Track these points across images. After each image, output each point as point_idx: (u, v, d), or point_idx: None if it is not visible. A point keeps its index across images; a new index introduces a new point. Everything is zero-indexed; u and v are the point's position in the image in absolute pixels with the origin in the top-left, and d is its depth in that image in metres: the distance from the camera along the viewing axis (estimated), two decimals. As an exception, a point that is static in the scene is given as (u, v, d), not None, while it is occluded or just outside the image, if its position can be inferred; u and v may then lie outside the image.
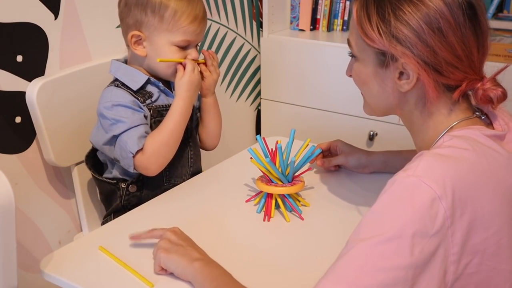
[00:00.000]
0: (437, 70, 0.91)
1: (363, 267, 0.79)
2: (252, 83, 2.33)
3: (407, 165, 0.87)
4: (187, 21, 1.28)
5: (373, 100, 1.03)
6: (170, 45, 1.29)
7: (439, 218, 0.80)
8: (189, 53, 1.32)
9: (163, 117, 1.31)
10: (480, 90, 0.92)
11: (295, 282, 1.01)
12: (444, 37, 0.90)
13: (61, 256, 1.09)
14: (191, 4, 1.30)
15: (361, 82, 1.03)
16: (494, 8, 2.05)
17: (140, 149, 1.25)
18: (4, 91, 1.37)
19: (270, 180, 1.23)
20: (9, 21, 1.35)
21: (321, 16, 2.22)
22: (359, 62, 1.01)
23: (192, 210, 1.25)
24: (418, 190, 0.81)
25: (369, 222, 0.84)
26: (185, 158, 1.40)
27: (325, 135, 1.70)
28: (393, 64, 0.94)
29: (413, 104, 0.97)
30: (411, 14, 0.90)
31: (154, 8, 1.27)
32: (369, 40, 0.95)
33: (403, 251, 0.78)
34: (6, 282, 0.99)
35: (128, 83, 1.31)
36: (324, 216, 1.22)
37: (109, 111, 1.27)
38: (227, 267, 1.02)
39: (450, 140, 0.91)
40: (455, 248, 0.82)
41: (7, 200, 0.94)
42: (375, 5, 0.94)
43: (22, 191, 1.44)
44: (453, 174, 0.83)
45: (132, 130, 1.26)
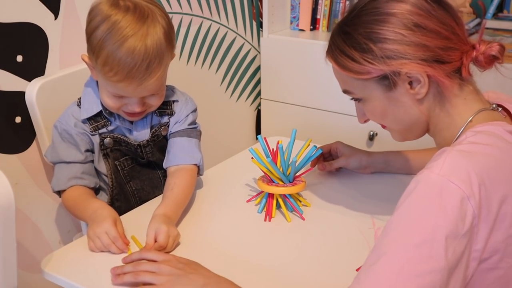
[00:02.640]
0: (437, 61, 0.91)
1: (399, 274, 0.78)
2: (252, 83, 2.33)
3: (431, 163, 0.85)
4: (114, 78, 1.12)
5: (398, 125, 1.01)
6: (105, 89, 1.18)
7: (469, 217, 0.80)
8: (127, 105, 1.18)
9: (121, 146, 1.26)
10: (480, 55, 0.93)
11: (295, 282, 1.01)
12: (424, 28, 0.91)
13: (61, 256, 1.09)
14: (125, 62, 1.10)
15: (380, 116, 1.01)
16: (494, 8, 2.05)
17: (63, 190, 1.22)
18: (4, 91, 1.36)
19: (271, 180, 1.22)
20: (9, 21, 1.34)
21: (321, 16, 2.22)
22: (368, 101, 1.00)
23: (192, 210, 1.25)
24: (446, 190, 0.80)
25: (399, 225, 0.82)
26: (156, 179, 1.33)
27: (325, 135, 1.70)
28: (399, 79, 0.93)
29: (432, 104, 0.97)
30: (383, 29, 0.92)
31: (91, 47, 1.15)
32: (365, 75, 0.95)
33: (437, 254, 0.78)
34: (6, 282, 0.99)
35: (83, 107, 1.23)
36: (325, 216, 1.22)
37: (56, 132, 1.25)
38: (228, 267, 1.02)
39: (473, 135, 0.90)
40: (478, 245, 0.82)
41: (7, 200, 0.94)
42: (348, 45, 0.95)
43: (22, 191, 1.44)
44: (479, 172, 0.82)
45: (65, 166, 1.23)
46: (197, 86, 2.02)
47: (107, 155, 1.26)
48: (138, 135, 1.27)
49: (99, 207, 1.14)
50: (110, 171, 1.27)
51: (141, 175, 1.31)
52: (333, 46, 1.00)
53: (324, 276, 1.02)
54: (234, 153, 1.52)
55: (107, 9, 1.13)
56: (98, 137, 1.24)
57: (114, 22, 1.11)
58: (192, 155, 1.27)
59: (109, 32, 1.11)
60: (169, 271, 0.94)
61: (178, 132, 1.29)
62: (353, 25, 0.96)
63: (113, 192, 1.28)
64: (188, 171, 1.25)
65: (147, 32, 1.11)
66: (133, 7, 1.13)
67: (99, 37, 1.11)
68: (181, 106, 1.30)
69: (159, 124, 1.29)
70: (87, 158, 1.25)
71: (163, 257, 0.98)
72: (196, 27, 1.98)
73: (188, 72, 1.99)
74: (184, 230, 1.17)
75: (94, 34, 1.13)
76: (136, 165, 1.30)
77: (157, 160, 1.30)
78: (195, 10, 1.95)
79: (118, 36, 1.10)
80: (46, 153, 1.28)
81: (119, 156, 1.27)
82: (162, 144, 1.30)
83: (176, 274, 0.94)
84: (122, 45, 1.10)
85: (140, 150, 1.27)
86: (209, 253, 1.08)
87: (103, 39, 1.11)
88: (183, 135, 1.29)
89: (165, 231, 1.06)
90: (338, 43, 0.98)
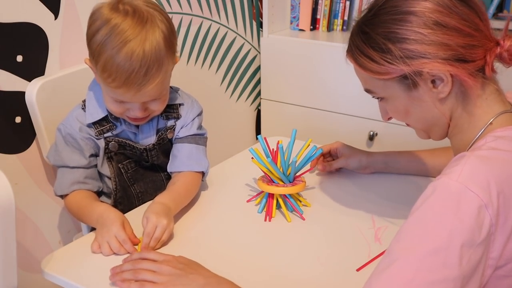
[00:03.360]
0: (460, 60, 0.89)
1: (412, 281, 0.76)
2: (252, 83, 2.33)
3: (449, 168, 0.83)
4: (112, 84, 1.11)
5: (422, 123, 1.00)
6: (107, 94, 1.17)
7: (486, 226, 0.78)
8: (130, 109, 1.17)
9: (126, 150, 1.25)
10: (505, 53, 0.90)
11: (296, 282, 1.01)
12: (444, 27, 0.89)
13: (61, 256, 1.09)
14: (123, 68, 1.08)
15: (403, 115, 1.00)
16: (494, 8, 2.04)
17: (65, 194, 1.22)
18: (4, 91, 1.36)
19: (271, 180, 1.22)
20: (9, 21, 1.34)
21: (321, 16, 2.22)
22: (390, 100, 0.99)
23: (192, 210, 1.25)
24: (464, 198, 0.78)
25: (413, 230, 0.80)
26: (159, 181, 1.32)
27: (325, 135, 1.70)
28: (421, 79, 0.91)
29: (455, 104, 0.94)
30: (402, 29, 0.90)
31: (92, 51, 1.13)
32: (384, 75, 0.93)
33: (452, 263, 0.76)
34: (6, 282, 0.99)
35: (87, 112, 1.22)
36: (325, 216, 1.22)
37: (60, 135, 1.24)
38: (228, 268, 1.02)
39: (494, 141, 0.88)
40: (494, 253, 0.80)
41: (7, 200, 0.94)
42: (367, 45, 0.93)
43: (22, 191, 1.44)
44: (498, 179, 0.80)
45: (68, 170, 1.22)
46: (197, 86, 2.02)
47: (111, 158, 1.25)
48: (144, 138, 1.26)
49: (105, 210, 1.13)
50: (114, 174, 1.26)
51: (144, 177, 1.30)
52: (352, 46, 0.98)
53: (324, 276, 1.02)
54: (234, 153, 1.52)
55: (107, 13, 1.11)
56: (103, 141, 1.23)
57: (113, 26, 1.09)
58: (200, 163, 1.27)
59: (108, 37, 1.09)
60: (169, 271, 0.94)
61: (186, 138, 1.28)
62: (371, 24, 0.93)
63: (117, 195, 1.27)
64: (194, 176, 1.26)
65: (146, 37, 1.09)
66: (132, 11, 1.11)
67: (99, 41, 1.10)
68: (187, 110, 1.29)
69: (165, 128, 1.28)
70: (91, 163, 1.24)
71: (163, 257, 0.98)
72: (196, 27, 1.98)
73: (188, 72, 1.99)
74: (184, 230, 1.17)
75: (94, 38, 1.11)
76: (139, 168, 1.29)
77: (161, 163, 1.30)
78: (195, 10, 1.95)
79: (117, 41, 1.08)
80: (48, 155, 1.27)
81: (122, 159, 1.26)
82: (167, 147, 1.30)
83: (176, 274, 0.94)
84: (120, 50, 1.08)
85: (146, 154, 1.26)
86: (209, 253, 1.08)
87: (102, 44, 1.09)
88: (192, 142, 1.28)
89: (153, 222, 1.07)
90: (357, 43, 0.96)
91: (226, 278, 0.95)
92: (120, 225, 1.08)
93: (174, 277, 0.93)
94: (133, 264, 0.97)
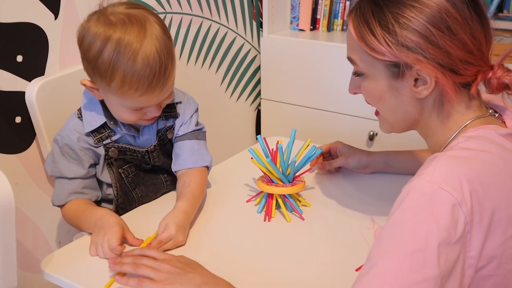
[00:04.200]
0: (452, 70, 0.88)
1: (393, 283, 0.77)
2: (252, 83, 2.33)
3: (422, 170, 0.84)
4: (136, 94, 1.10)
5: (391, 115, 0.99)
6: (122, 107, 1.15)
7: (460, 224, 0.79)
8: (147, 112, 1.16)
9: (126, 155, 1.23)
10: (494, 79, 0.90)
11: (295, 282, 1.01)
12: (454, 35, 0.87)
13: (61, 256, 1.09)
14: (143, 75, 1.08)
15: (376, 99, 0.98)
16: (494, 8, 2.05)
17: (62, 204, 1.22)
18: (4, 91, 1.36)
19: (270, 180, 1.22)
20: (9, 21, 1.34)
21: (321, 16, 2.22)
22: (369, 79, 0.96)
23: (192, 210, 1.25)
24: (438, 197, 0.79)
25: (391, 234, 0.81)
26: (159, 184, 1.31)
27: (325, 135, 1.70)
28: (408, 73, 0.90)
29: (430, 107, 0.94)
30: (416, 19, 0.87)
31: (101, 73, 1.09)
32: (378, 54, 0.91)
33: (430, 263, 0.77)
34: (6, 282, 0.99)
35: (85, 120, 1.20)
36: (324, 217, 1.22)
37: (57, 146, 1.21)
38: (228, 268, 1.02)
39: (465, 141, 0.88)
40: (473, 252, 0.81)
41: (7, 200, 0.94)
42: (375, 18, 0.90)
43: (22, 191, 1.44)
44: (470, 178, 0.81)
45: (65, 181, 1.21)
46: (197, 86, 2.03)
47: (111, 164, 1.24)
48: (144, 141, 1.25)
49: (105, 214, 1.13)
50: (115, 180, 1.25)
51: (145, 181, 1.29)
52: (358, 10, 0.94)
53: (324, 276, 1.02)
54: (234, 153, 1.52)
55: (103, 30, 1.08)
56: (103, 148, 1.22)
57: (118, 40, 1.07)
58: (203, 157, 1.27)
59: (117, 53, 1.07)
60: (168, 269, 0.95)
61: (186, 135, 1.28)
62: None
63: (118, 200, 1.26)
64: (200, 172, 1.26)
65: (151, 37, 1.08)
66: (127, 19, 1.09)
67: (108, 60, 1.07)
68: (184, 107, 1.29)
69: (165, 128, 1.28)
70: (89, 173, 1.23)
71: (163, 256, 0.99)
72: (196, 27, 1.98)
73: (188, 72, 1.99)
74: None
75: (100, 59, 1.08)
76: (140, 172, 1.28)
77: (162, 164, 1.30)
78: (195, 10, 1.95)
79: (128, 53, 1.07)
80: (46, 166, 1.25)
81: (122, 164, 1.25)
82: (168, 147, 1.29)
83: (175, 272, 0.94)
84: (136, 60, 1.07)
85: (148, 156, 1.26)
86: (209, 253, 1.08)
87: (114, 61, 1.07)
88: (192, 138, 1.28)
89: (171, 234, 1.07)
90: (364, 11, 0.92)
91: (224, 278, 0.95)
92: (117, 230, 1.07)
93: (173, 275, 0.93)
94: (134, 259, 0.98)
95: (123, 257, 1.00)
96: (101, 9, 1.13)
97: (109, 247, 1.05)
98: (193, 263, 0.98)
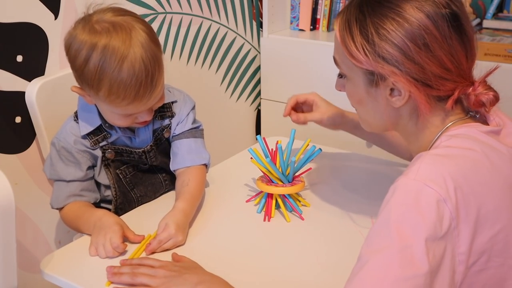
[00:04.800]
0: (427, 85, 0.90)
1: (383, 280, 0.78)
2: (252, 83, 2.33)
3: (407, 169, 0.86)
4: (123, 103, 1.10)
5: (369, 118, 1.02)
6: (113, 113, 1.16)
7: (446, 220, 0.80)
8: (138, 117, 1.17)
9: (123, 157, 1.24)
10: (472, 96, 0.91)
11: (295, 282, 1.01)
12: (431, 52, 0.88)
13: (61, 256, 1.09)
14: (129, 82, 1.07)
15: (356, 102, 1.01)
16: (494, 8, 2.05)
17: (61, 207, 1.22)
18: (4, 91, 1.37)
19: (270, 180, 1.23)
20: (9, 21, 1.35)
21: (321, 16, 2.22)
22: (350, 82, 0.99)
23: (192, 210, 1.25)
24: (422, 194, 0.80)
25: (379, 233, 0.82)
26: (158, 183, 1.31)
27: (324, 135, 1.70)
28: (383, 83, 0.92)
29: (407, 116, 0.96)
30: (395, 32, 0.89)
31: (88, 82, 1.10)
32: (355, 61, 0.93)
33: (419, 258, 0.78)
34: (6, 282, 0.99)
35: (81, 123, 1.20)
36: (324, 216, 1.22)
37: (54, 149, 1.22)
38: (227, 268, 1.02)
39: (448, 140, 0.90)
40: (462, 248, 0.81)
41: (7, 200, 0.94)
42: (358, 25, 0.92)
43: (22, 191, 1.44)
44: (454, 175, 0.82)
45: (64, 184, 1.21)
46: (197, 86, 2.03)
47: (109, 165, 1.24)
48: (140, 141, 1.26)
49: (103, 214, 1.13)
50: (113, 181, 1.25)
51: (143, 181, 1.30)
52: (344, 14, 0.96)
53: (323, 277, 1.03)
54: (234, 153, 1.53)
55: (88, 38, 1.08)
56: (99, 150, 1.22)
57: (104, 48, 1.06)
58: (201, 156, 1.28)
59: (103, 61, 1.06)
60: (165, 274, 0.96)
61: (183, 133, 1.28)
62: (371, 8, 0.91)
63: (117, 201, 1.26)
64: (199, 170, 1.26)
65: (137, 45, 1.08)
66: (112, 27, 1.08)
67: (94, 68, 1.07)
68: (180, 106, 1.29)
69: (161, 128, 1.27)
70: (87, 175, 1.23)
71: (160, 263, 1.00)
72: (196, 27, 1.98)
73: (188, 72, 1.99)
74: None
75: (86, 67, 1.08)
76: (137, 172, 1.28)
77: (160, 164, 1.30)
78: (195, 10, 1.95)
79: (115, 61, 1.06)
80: (45, 169, 1.26)
81: (120, 165, 1.26)
82: (164, 146, 1.30)
83: (171, 275, 0.96)
84: (121, 69, 1.06)
85: (145, 156, 1.26)
86: (208, 253, 1.08)
87: (100, 69, 1.07)
88: (189, 136, 1.28)
89: (170, 234, 1.08)
90: (350, 16, 0.94)
91: (222, 277, 0.96)
92: (118, 229, 1.07)
93: (169, 279, 0.95)
94: (131, 269, 0.99)
95: (121, 265, 1.02)
96: (87, 16, 1.12)
97: (112, 246, 1.05)
98: (191, 265, 1.00)
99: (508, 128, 0.94)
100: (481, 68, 0.95)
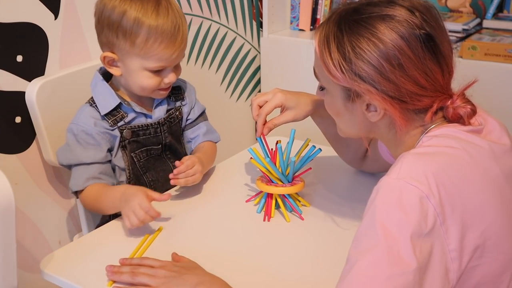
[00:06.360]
0: (403, 101, 0.91)
1: (373, 279, 0.78)
2: (252, 83, 2.33)
3: (390, 169, 0.87)
4: (160, 47, 1.20)
5: (347, 128, 1.04)
6: (143, 70, 1.23)
7: (430, 216, 0.81)
8: (164, 78, 1.26)
9: (139, 137, 1.30)
10: (450, 108, 0.92)
11: (294, 282, 1.01)
12: (405, 71, 0.89)
13: (61, 256, 1.10)
14: (166, 28, 1.20)
15: (334, 113, 1.04)
16: (494, 8, 2.04)
17: (81, 190, 1.25)
18: (4, 91, 1.37)
19: (270, 180, 1.23)
20: (9, 21, 1.35)
21: (321, 16, 2.22)
22: (328, 94, 1.02)
23: (192, 209, 1.25)
24: (405, 192, 0.82)
25: (366, 233, 0.83)
26: (168, 170, 1.32)
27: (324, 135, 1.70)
28: (359, 99, 0.94)
29: (385, 128, 0.98)
30: (370, 52, 0.90)
31: (125, 32, 1.19)
32: (332, 77, 0.95)
33: (407, 256, 0.78)
34: (6, 282, 1.00)
35: (99, 105, 1.27)
36: (324, 216, 1.22)
37: (72, 134, 1.26)
38: (227, 268, 1.02)
39: (429, 140, 0.91)
40: (452, 245, 0.82)
41: (7, 200, 0.95)
42: (335, 42, 0.94)
43: (22, 191, 1.44)
44: (436, 171, 0.83)
45: (83, 167, 1.25)
46: (197, 86, 2.01)
47: (125, 147, 1.29)
48: (156, 119, 1.33)
49: (126, 188, 1.19)
50: (127, 163, 1.30)
51: (155, 166, 1.35)
52: (324, 29, 0.97)
53: (323, 276, 1.03)
54: (233, 153, 1.53)
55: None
56: (118, 131, 1.28)
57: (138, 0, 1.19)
58: (214, 135, 1.43)
59: (141, 8, 1.18)
60: (164, 274, 0.97)
61: (198, 119, 1.42)
62: (348, 27, 0.93)
63: (130, 184, 1.31)
64: (213, 144, 1.43)
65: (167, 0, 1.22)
66: None
67: (133, 16, 1.18)
68: (187, 92, 1.40)
69: (175, 108, 1.37)
70: (107, 157, 1.28)
71: (160, 263, 1.01)
72: (196, 27, 1.98)
73: (188, 72, 1.99)
74: (183, 229, 1.17)
75: (124, 19, 1.18)
76: (150, 158, 1.34)
77: (169, 143, 1.36)
78: (195, 10, 1.95)
79: (151, 8, 1.18)
80: (59, 157, 1.29)
81: (135, 148, 1.31)
82: (176, 128, 1.38)
83: (171, 276, 0.97)
84: (158, 14, 1.19)
85: (160, 129, 1.32)
86: (208, 253, 1.08)
87: (138, 19, 1.18)
88: (202, 120, 1.43)
89: (194, 160, 1.24)
90: (328, 31, 0.95)
91: (222, 278, 0.96)
92: (143, 194, 1.12)
93: (168, 279, 0.96)
94: (132, 268, 1.00)
95: (120, 264, 1.02)
96: None
97: (144, 210, 1.10)
98: (191, 265, 1.00)
99: (490, 126, 0.96)
100: (481, 68, 0.95)
